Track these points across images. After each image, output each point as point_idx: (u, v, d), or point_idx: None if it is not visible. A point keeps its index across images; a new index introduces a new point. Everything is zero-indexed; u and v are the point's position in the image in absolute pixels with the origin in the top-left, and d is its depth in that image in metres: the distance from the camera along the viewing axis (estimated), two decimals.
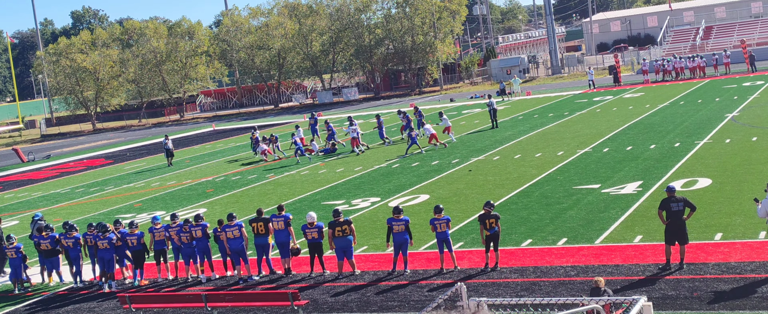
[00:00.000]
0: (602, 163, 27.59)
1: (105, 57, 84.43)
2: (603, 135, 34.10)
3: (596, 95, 52.99)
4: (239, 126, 64.96)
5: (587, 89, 57.97)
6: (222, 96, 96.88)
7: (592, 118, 41.07)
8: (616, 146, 30.94)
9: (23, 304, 18.63)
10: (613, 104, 46.41)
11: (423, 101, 67.74)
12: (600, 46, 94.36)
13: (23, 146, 71.17)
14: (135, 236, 19.04)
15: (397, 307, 15.37)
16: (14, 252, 19.58)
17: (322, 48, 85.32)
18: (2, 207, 34.48)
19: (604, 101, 49.08)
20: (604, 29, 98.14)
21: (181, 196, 31.45)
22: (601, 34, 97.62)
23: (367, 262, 18.56)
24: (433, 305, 11.53)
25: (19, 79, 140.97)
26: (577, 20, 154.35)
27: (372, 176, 30.66)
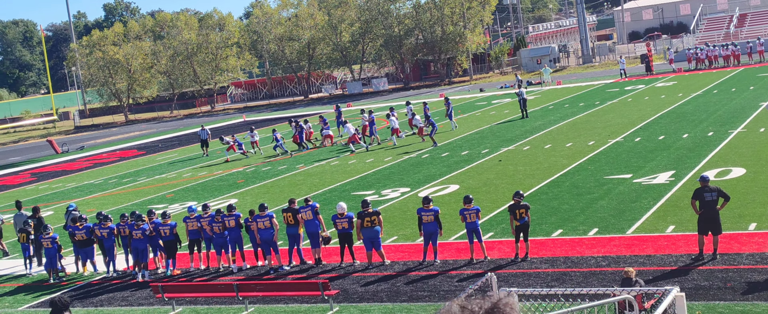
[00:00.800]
0: (634, 152, 27.36)
1: (137, 49, 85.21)
2: (635, 124, 33.80)
3: (628, 84, 52.51)
4: (269, 117, 65.30)
5: (619, 78, 57.46)
6: (252, 87, 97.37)
7: (623, 107, 40.72)
8: (648, 135, 30.66)
9: (57, 293, 18.86)
10: (645, 93, 45.97)
11: (452, 91, 67.60)
12: (632, 34, 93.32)
13: (57, 137, 72.13)
14: (167, 226, 19.23)
15: (426, 297, 15.38)
16: (50, 242, 19.87)
17: (351, 39, 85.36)
18: (37, 198, 35.00)
19: (635, 90, 48.62)
20: (636, 17, 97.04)
21: (212, 187, 31.71)
22: (633, 22, 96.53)
23: (396, 252, 18.60)
24: (464, 295, 11.53)
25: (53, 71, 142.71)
26: (608, 9, 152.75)
27: (402, 167, 30.68)
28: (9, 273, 21.32)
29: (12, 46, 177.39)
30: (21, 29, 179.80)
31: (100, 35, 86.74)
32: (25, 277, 20.68)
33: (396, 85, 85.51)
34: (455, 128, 39.27)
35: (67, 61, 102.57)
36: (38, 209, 22.55)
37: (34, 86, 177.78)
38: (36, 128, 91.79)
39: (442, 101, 43.04)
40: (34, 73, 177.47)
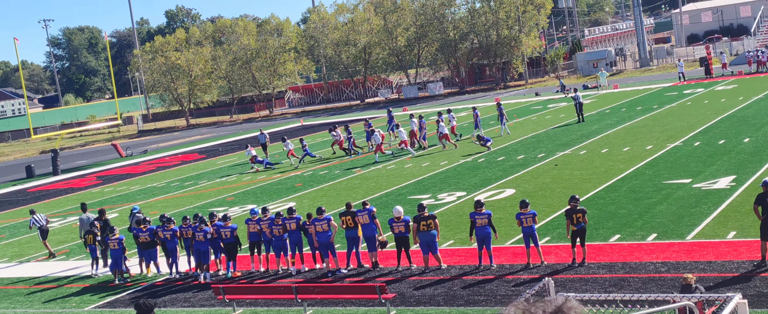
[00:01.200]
0: (693, 157, 27.00)
1: (198, 55, 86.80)
2: (694, 129, 33.32)
3: (686, 88, 51.69)
4: (326, 121, 65.83)
5: (677, 82, 56.58)
6: (309, 92, 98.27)
7: (682, 111, 40.14)
8: (707, 139, 30.21)
9: (123, 294, 19.40)
10: (704, 97, 45.22)
11: (508, 95, 67.34)
12: (690, 37, 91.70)
13: (121, 141, 73.85)
14: (228, 228, 19.55)
15: (483, 301, 15.41)
16: (116, 244, 20.42)
17: (407, 43, 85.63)
18: (103, 200, 35.95)
19: (694, 93, 47.86)
20: (694, 20, 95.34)
21: (271, 190, 32.20)
22: (692, 25, 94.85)
23: (453, 256, 18.70)
24: (521, 299, 11.59)
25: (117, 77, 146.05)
26: (666, 11, 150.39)
27: (458, 171, 30.76)
28: (76, 274, 21.95)
29: (78, 53, 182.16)
30: (87, 36, 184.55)
31: (163, 41, 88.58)
32: (91, 278, 21.27)
33: (451, 89, 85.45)
34: (508, 134, 39.17)
35: (130, 67, 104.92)
36: (104, 211, 23.16)
37: (100, 91, 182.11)
38: (101, 132, 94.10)
39: (495, 105, 42.93)
40: (100, 79, 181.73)
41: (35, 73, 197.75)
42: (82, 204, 24.74)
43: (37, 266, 23.86)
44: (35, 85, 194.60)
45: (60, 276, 22.13)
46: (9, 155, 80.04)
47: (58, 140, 69.76)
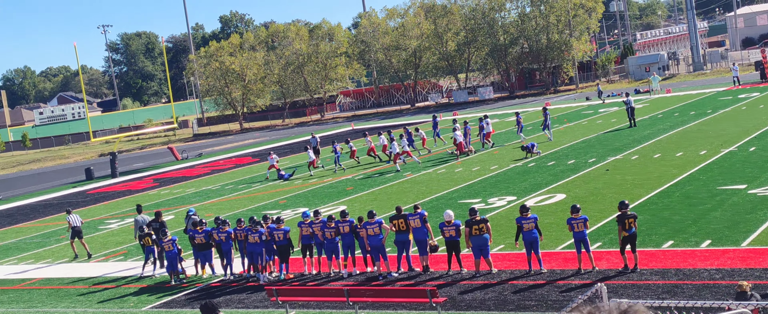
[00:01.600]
0: (749, 162, 26.60)
1: (251, 59, 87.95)
2: (749, 133, 32.79)
3: (741, 92, 50.80)
4: (377, 125, 66.12)
5: (731, 86, 55.62)
6: (360, 96, 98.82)
7: (737, 116, 39.49)
8: (763, 144, 29.71)
9: (179, 295, 19.81)
10: (760, 101, 44.40)
11: (558, 100, 66.93)
12: (745, 41, 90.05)
13: (177, 144, 75.20)
14: (281, 231, 19.81)
15: (534, 306, 15.40)
16: (170, 245, 20.88)
17: (457, 47, 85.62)
18: (159, 202, 36.72)
19: (750, 98, 47.01)
20: (749, 23, 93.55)
21: (322, 193, 32.56)
22: (747, 28, 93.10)
23: (503, 261, 18.74)
24: (573, 305, 11.59)
25: (173, 81, 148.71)
26: (720, 14, 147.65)
27: (508, 175, 30.75)
28: (133, 275, 22.48)
29: (135, 57, 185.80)
30: (144, 41, 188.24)
31: (217, 46, 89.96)
32: (148, 278, 21.78)
33: (501, 93, 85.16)
34: (551, 140, 38.99)
35: (186, 71, 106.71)
36: (160, 214, 23.67)
37: (156, 95, 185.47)
38: (157, 136, 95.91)
39: (549, 109, 42.74)
40: (156, 83, 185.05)
41: (94, 77, 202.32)
42: (138, 206, 25.29)
43: (95, 266, 24.50)
44: (94, 89, 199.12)
45: (118, 276, 22.70)
46: (69, 158, 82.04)
47: (116, 143, 71.34)
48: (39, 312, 19.77)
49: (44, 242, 30.39)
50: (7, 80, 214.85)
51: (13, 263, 27.07)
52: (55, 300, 20.80)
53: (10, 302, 21.30)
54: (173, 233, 22.67)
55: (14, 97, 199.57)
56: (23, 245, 30.49)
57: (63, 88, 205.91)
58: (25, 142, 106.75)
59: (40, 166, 77.76)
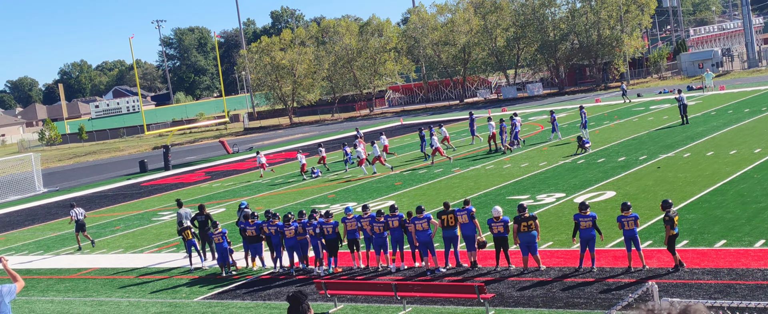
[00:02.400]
0: None
1: (302, 54, 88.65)
2: None
3: None
4: (426, 121, 66.16)
5: None
6: (409, 91, 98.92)
7: None
8: None
9: (230, 286, 20.14)
10: None
11: (608, 96, 66.18)
12: None
13: (229, 138, 76.17)
14: (330, 225, 19.96)
15: (583, 304, 15.28)
16: (220, 238, 21.21)
17: (506, 43, 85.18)
18: (211, 195, 37.31)
19: None
20: None
21: (371, 188, 32.74)
22: None
23: (552, 258, 18.68)
24: (623, 304, 11.55)
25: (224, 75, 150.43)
26: None
27: (557, 172, 30.57)
28: (185, 266, 22.88)
29: (188, 52, 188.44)
30: (196, 36, 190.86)
31: (268, 41, 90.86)
32: (200, 270, 22.16)
33: (551, 90, 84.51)
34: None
35: (237, 66, 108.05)
36: (204, 207, 23.99)
37: (208, 90, 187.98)
38: (209, 130, 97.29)
39: (598, 106, 42.41)
40: (208, 78, 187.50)
41: (148, 72, 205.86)
42: (178, 200, 25.65)
43: (148, 257, 25.02)
44: (148, 83, 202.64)
45: (170, 267, 23.15)
46: (124, 151, 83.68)
47: (169, 136, 72.50)
48: (94, 301, 20.28)
49: (99, 232, 31.10)
50: (64, 73, 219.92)
51: (69, 253, 27.78)
52: (109, 290, 21.31)
53: (66, 291, 21.89)
54: (224, 226, 23.01)
55: (71, 90, 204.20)
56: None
57: (118, 82, 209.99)
58: (81, 134, 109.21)
59: (96, 158, 79.44)
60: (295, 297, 7.81)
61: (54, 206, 42.25)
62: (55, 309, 20.03)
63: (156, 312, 18.49)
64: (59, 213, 38.80)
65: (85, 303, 20.25)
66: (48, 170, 67.54)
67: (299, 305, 7.75)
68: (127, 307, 19.28)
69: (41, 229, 34.40)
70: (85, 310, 19.49)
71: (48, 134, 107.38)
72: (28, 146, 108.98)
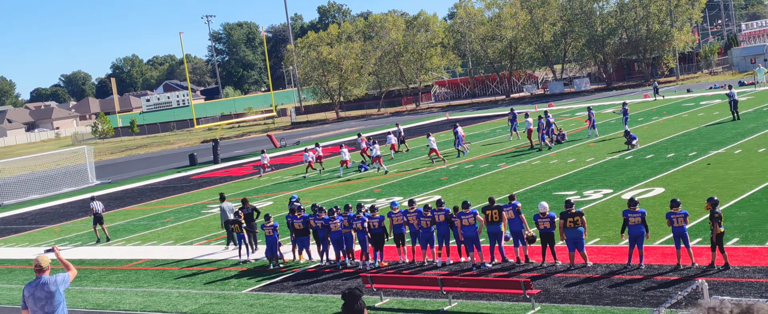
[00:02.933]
0: None
1: (348, 49, 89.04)
2: None
3: None
4: (472, 116, 65.98)
5: None
6: (455, 86, 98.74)
7: None
8: None
9: (277, 279, 20.40)
10: None
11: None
12: None
13: (276, 132, 76.90)
14: (376, 219, 20.08)
15: (630, 301, 15.12)
16: (271, 230, 21.50)
17: (553, 38, 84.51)
18: (258, 189, 37.76)
19: None
20: None
21: (417, 183, 32.84)
22: None
23: (599, 254, 18.58)
24: (672, 301, 11.49)
25: (272, 70, 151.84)
26: None
27: (604, 167, 30.33)
28: (234, 258, 23.25)
29: (237, 47, 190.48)
30: (245, 31, 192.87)
31: (315, 36, 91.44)
32: (247, 262, 22.48)
33: (598, 85, 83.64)
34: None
35: (284, 61, 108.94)
36: (247, 200, 24.21)
37: (256, 84, 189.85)
38: (257, 124, 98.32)
39: (646, 101, 41.95)
40: (256, 72, 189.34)
41: (198, 66, 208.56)
42: (221, 194, 25.99)
43: (198, 249, 25.45)
44: (198, 77, 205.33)
45: (218, 259, 23.53)
46: (174, 144, 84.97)
47: (218, 130, 73.49)
48: (146, 292, 20.71)
49: (150, 224, 31.72)
50: (116, 68, 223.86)
51: (121, 244, 28.39)
52: (160, 281, 21.74)
53: (119, 281, 22.39)
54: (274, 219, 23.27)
55: (123, 84, 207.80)
56: (131, 227, 31.91)
57: (168, 76, 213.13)
58: (133, 128, 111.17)
59: (147, 151, 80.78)
60: (352, 294, 7.80)
61: (106, 198, 43.11)
62: (108, 299, 20.51)
63: (205, 303, 18.83)
64: (111, 205, 39.61)
65: (136, 293, 20.70)
66: (100, 163, 68.93)
67: (355, 302, 7.73)
68: (177, 298, 19.66)
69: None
70: (137, 300, 19.93)
71: (101, 127, 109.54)
72: (81, 138, 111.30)
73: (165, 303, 19.31)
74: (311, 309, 17.17)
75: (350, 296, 7.70)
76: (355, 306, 7.73)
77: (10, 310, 19.95)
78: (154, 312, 18.58)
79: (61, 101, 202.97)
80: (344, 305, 7.75)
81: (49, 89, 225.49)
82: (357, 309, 7.71)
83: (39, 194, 49.74)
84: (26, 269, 25.57)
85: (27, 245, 30.90)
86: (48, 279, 10.61)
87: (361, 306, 7.72)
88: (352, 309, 7.80)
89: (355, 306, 7.72)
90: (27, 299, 10.69)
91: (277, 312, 17.34)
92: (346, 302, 7.72)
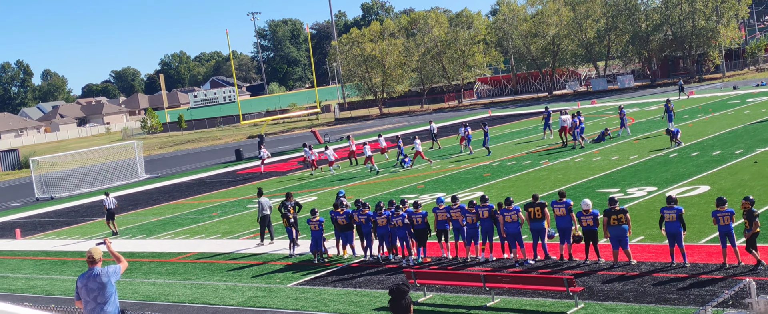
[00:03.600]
0: None
1: (392, 46, 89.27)
2: None
3: None
4: (514, 113, 65.79)
5: None
6: (498, 83, 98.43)
7: None
8: None
9: (321, 273, 20.69)
10: None
11: (702, 89, 64.47)
12: None
13: (320, 128, 77.44)
14: (419, 215, 20.27)
15: (675, 300, 15.06)
16: (317, 226, 21.82)
17: (596, 35, 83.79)
18: (302, 184, 38.20)
19: None
20: None
21: (459, 179, 32.97)
22: None
23: (643, 252, 18.54)
24: (719, 300, 11.51)
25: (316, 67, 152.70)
26: None
27: (648, 165, 30.16)
28: (278, 252, 23.64)
29: (281, 44, 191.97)
30: (289, 28, 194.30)
31: (358, 33, 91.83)
32: (293, 257, 22.83)
33: (642, 81, 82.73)
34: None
35: (328, 57, 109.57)
36: (291, 194, 24.53)
37: (300, 80, 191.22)
38: (301, 119, 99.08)
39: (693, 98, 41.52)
40: (300, 69, 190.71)
41: (244, 63, 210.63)
42: (259, 189, 26.36)
43: (244, 242, 25.90)
44: (243, 74, 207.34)
45: (264, 252, 23.94)
46: (220, 139, 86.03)
47: (263, 126, 74.25)
48: (194, 284, 21.18)
49: (198, 218, 32.32)
50: (164, 64, 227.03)
51: (169, 237, 29.00)
52: (207, 274, 22.21)
53: (167, 274, 22.91)
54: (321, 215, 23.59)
55: (171, 80, 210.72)
56: (179, 220, 32.54)
57: (215, 72, 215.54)
58: (181, 123, 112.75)
59: (194, 146, 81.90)
60: (399, 290, 7.81)
61: (155, 192, 43.98)
62: (157, 291, 21.01)
63: (251, 296, 19.22)
64: (160, 199, 40.38)
65: (185, 286, 21.18)
66: (149, 157, 70.10)
67: (402, 298, 7.78)
68: (224, 290, 20.08)
69: (143, 214, 35.92)
70: (185, 292, 20.40)
71: (150, 122, 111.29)
72: (131, 133, 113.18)
73: (213, 296, 19.74)
74: (355, 304, 17.43)
75: (398, 291, 7.73)
76: (402, 302, 7.78)
77: (64, 301, 20.55)
78: (202, 305, 19.01)
79: (111, 97, 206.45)
80: (391, 300, 7.78)
81: (99, 85, 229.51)
82: (404, 305, 7.76)
83: (90, 187, 50.82)
84: (78, 260, 26.29)
85: (79, 237, 31.69)
86: (100, 271, 10.91)
87: (408, 301, 7.80)
88: (399, 304, 7.83)
89: (402, 302, 7.78)
90: (80, 290, 11.03)
91: (322, 305, 17.63)
92: (393, 297, 7.75)
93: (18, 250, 30.70)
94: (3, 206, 47.72)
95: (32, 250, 30.23)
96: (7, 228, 37.19)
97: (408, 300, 7.74)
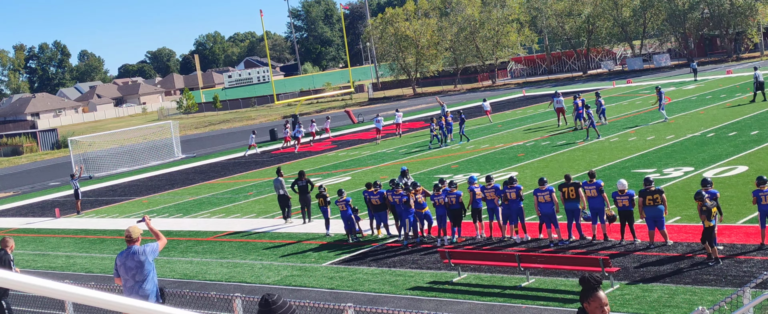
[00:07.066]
0: None
1: (425, 25, 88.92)
2: None
3: None
4: (548, 93, 65.32)
5: None
6: (532, 63, 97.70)
7: None
8: None
9: (356, 253, 20.86)
10: None
11: (740, 68, 63.40)
12: None
13: (353, 108, 77.56)
14: (454, 195, 20.25)
15: (712, 281, 14.94)
16: (344, 205, 21.91)
17: (632, 13, 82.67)
18: (336, 164, 38.37)
19: None
20: None
21: (493, 159, 32.90)
22: None
23: (680, 233, 18.40)
24: (757, 281, 11.42)
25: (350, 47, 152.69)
26: None
27: (685, 145, 29.84)
28: (313, 232, 23.83)
29: (315, 24, 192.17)
30: (323, 8, 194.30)
31: (392, 12, 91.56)
32: (327, 236, 22.99)
33: (678, 61, 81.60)
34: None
35: (362, 37, 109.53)
36: (303, 173, 25.34)
37: (334, 60, 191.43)
38: (335, 99, 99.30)
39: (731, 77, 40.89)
40: (334, 49, 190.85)
41: (277, 43, 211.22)
42: (278, 169, 26.74)
43: (279, 222, 26.13)
44: (277, 54, 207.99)
45: (298, 231, 24.14)
46: (255, 119, 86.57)
47: (297, 106, 74.51)
48: (230, 263, 21.46)
49: (233, 197, 32.64)
50: (199, 44, 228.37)
51: (206, 216, 29.34)
52: (243, 253, 22.47)
53: (204, 253, 23.22)
54: (351, 194, 23.73)
55: (205, 61, 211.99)
56: (215, 200, 32.88)
57: (249, 53, 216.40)
58: (216, 103, 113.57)
59: (229, 126, 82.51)
60: (585, 280, 5.51)
61: (191, 172, 44.45)
62: (194, 269, 21.32)
63: (287, 275, 19.42)
64: (196, 178, 40.82)
65: (221, 264, 21.46)
66: (185, 137, 70.76)
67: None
68: (260, 269, 20.32)
69: (180, 193, 36.35)
70: (222, 271, 20.67)
71: (185, 102, 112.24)
72: (166, 113, 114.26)
73: (249, 274, 19.98)
74: (390, 283, 17.54)
75: (588, 282, 5.45)
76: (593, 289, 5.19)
77: (103, 278, 20.93)
78: (238, 283, 19.26)
79: (147, 77, 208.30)
80: (583, 291, 5.61)
81: (135, 65, 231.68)
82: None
83: (128, 167, 51.52)
84: (117, 239, 26.73)
85: (117, 216, 32.20)
86: (138, 249, 11.14)
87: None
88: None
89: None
90: (119, 268, 11.27)
91: (357, 284, 17.77)
92: (584, 288, 5.52)
93: (58, 228, 31.28)
94: (43, 185, 48.56)
95: (71, 228, 30.78)
96: (47, 207, 37.87)
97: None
